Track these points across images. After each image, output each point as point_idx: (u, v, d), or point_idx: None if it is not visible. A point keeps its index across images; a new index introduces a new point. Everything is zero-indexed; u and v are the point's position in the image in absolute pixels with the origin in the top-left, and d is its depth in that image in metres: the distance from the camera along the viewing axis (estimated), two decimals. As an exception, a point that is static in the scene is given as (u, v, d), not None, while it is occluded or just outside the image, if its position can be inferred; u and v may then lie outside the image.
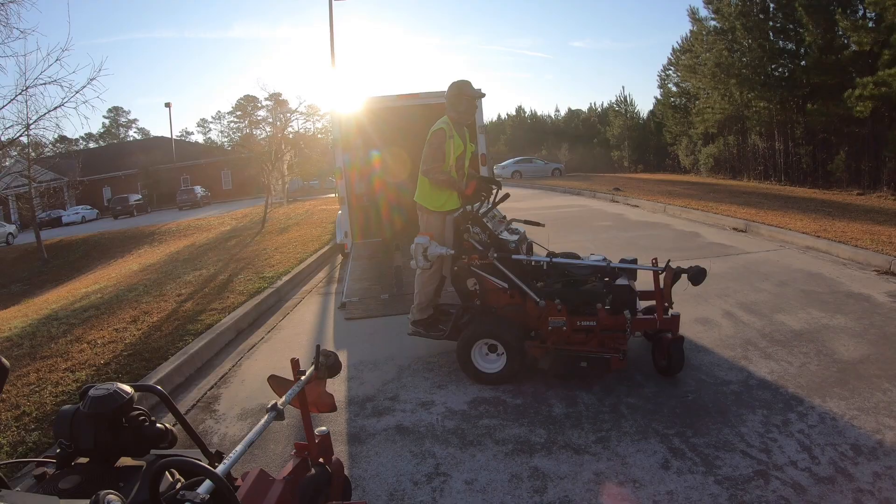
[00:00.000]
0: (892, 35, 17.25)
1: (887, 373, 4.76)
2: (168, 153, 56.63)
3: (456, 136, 5.41)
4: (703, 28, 30.26)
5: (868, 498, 3.20)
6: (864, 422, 4.02)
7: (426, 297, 5.59)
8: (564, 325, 4.77)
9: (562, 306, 4.77)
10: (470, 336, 5.02)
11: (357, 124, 11.25)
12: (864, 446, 3.72)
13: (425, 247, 5.19)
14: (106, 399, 2.26)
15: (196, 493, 1.85)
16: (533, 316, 4.95)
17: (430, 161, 5.35)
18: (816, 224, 11.05)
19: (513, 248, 5.17)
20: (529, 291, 4.92)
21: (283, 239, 14.75)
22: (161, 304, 8.29)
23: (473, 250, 5.16)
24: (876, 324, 5.91)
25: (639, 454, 3.80)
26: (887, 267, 7.92)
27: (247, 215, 24.72)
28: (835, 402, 4.31)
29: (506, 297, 5.08)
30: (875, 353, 5.19)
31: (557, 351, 4.75)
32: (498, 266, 5.00)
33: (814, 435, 3.88)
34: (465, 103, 5.44)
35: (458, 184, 5.41)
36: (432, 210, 5.53)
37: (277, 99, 53.18)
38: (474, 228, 5.25)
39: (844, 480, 3.38)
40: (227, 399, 5.22)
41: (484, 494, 3.47)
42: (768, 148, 27.67)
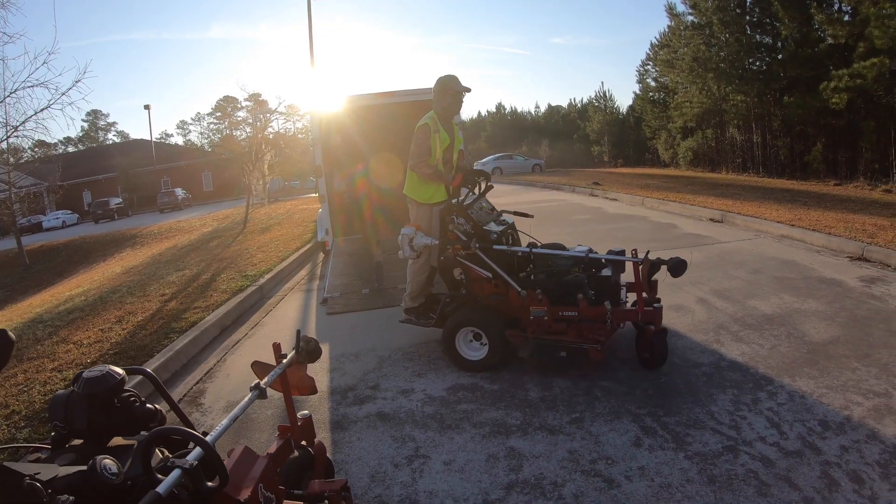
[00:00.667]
0: (867, 28, 17.51)
1: (856, 353, 4.91)
2: (148, 156, 56.34)
3: (442, 130, 5.52)
4: (680, 23, 30.54)
5: (835, 470, 3.34)
6: (832, 399, 4.17)
7: (418, 286, 5.73)
8: (545, 315, 4.79)
9: (542, 296, 4.81)
10: (453, 324, 5.13)
11: (337, 123, 11.33)
12: (832, 422, 3.86)
13: (411, 237, 5.36)
14: (99, 380, 2.35)
15: (185, 460, 1.95)
16: (515, 305, 5.00)
17: (416, 156, 5.48)
18: (791, 213, 11.23)
19: (494, 239, 5.22)
20: (511, 281, 4.97)
21: (265, 238, 14.78)
22: (145, 304, 8.34)
23: (458, 241, 5.25)
24: (847, 307, 6.07)
25: (611, 433, 3.93)
26: (860, 253, 8.10)
27: (228, 216, 24.67)
28: (804, 381, 4.45)
29: (490, 287, 5.17)
30: (845, 334, 5.34)
31: (537, 340, 4.76)
32: (481, 256, 5.09)
33: (782, 412, 4.02)
34: (449, 98, 5.55)
35: (444, 176, 5.50)
36: (420, 202, 5.68)
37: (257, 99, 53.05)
38: (459, 219, 5.31)
39: (812, 454, 3.52)
40: (212, 393, 5.31)
41: (462, 474, 3.59)
42: (746, 140, 28.01)
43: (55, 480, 1.90)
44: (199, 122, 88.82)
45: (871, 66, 17.62)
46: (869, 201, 14.23)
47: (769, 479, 3.31)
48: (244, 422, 4.50)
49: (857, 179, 19.70)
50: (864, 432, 3.72)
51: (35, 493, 1.76)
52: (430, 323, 5.54)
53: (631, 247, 5.31)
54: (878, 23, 16.98)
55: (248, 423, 4.47)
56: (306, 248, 12.41)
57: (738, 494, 3.20)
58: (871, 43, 17.51)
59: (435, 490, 3.46)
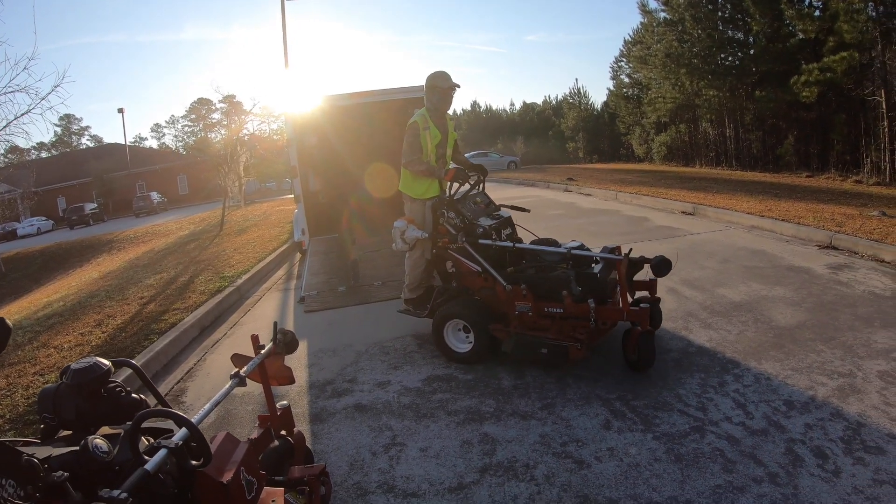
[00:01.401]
0: (836, 22, 17.81)
1: (822, 336, 5.07)
2: (122, 160, 55.75)
3: (433, 126, 5.61)
4: (653, 20, 30.82)
5: (799, 446, 3.48)
6: (797, 380, 4.32)
7: (415, 278, 5.84)
8: (529, 311, 4.79)
9: (527, 291, 4.79)
10: (441, 316, 5.24)
11: (311, 124, 11.37)
12: (797, 401, 4.01)
13: (402, 230, 5.51)
14: (86, 370, 2.43)
15: (171, 440, 2.03)
16: (502, 300, 5.00)
17: (408, 154, 5.58)
18: (762, 205, 11.42)
19: (480, 233, 5.22)
20: (497, 275, 4.98)
21: (242, 240, 14.78)
22: (124, 307, 8.34)
23: (447, 234, 5.33)
24: (814, 293, 6.24)
25: (582, 417, 4.06)
26: (828, 241, 8.29)
27: (205, 219, 24.57)
28: (770, 363, 4.60)
29: (479, 280, 5.20)
30: (811, 319, 5.50)
31: (518, 336, 4.76)
32: (468, 250, 5.14)
33: (748, 393, 4.16)
34: (437, 95, 5.61)
35: (437, 172, 5.58)
36: (414, 198, 5.78)
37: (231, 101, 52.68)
38: (449, 213, 5.36)
39: (777, 432, 3.66)
40: (193, 391, 5.36)
41: (437, 459, 3.69)
42: (719, 135, 28.35)
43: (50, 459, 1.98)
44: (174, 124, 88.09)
45: (840, 60, 17.93)
46: (839, 192, 14.50)
47: (735, 456, 3.44)
48: (225, 417, 4.57)
49: (829, 171, 20.00)
50: (829, 411, 3.87)
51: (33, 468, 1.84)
52: (424, 314, 5.66)
53: (603, 241, 5.43)
54: (847, 17, 17.29)
55: (229, 419, 4.54)
56: (283, 249, 12.43)
57: (705, 471, 3.32)
58: (841, 37, 17.83)
59: (411, 475, 3.55)
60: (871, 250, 7.62)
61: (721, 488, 3.17)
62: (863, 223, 8.94)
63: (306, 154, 11.58)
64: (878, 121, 18.30)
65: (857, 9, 17.24)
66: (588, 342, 4.51)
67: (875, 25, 17.38)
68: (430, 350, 5.61)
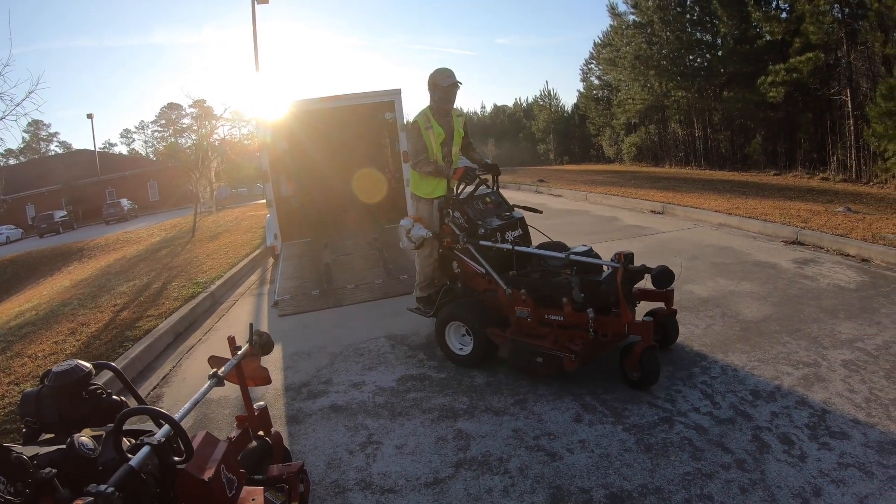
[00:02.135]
0: (802, 24, 18.11)
1: (787, 328, 5.22)
2: (92, 166, 54.88)
3: (436, 125, 5.55)
4: (622, 22, 31.08)
5: (766, 433, 3.60)
6: (763, 371, 4.45)
7: (425, 277, 5.84)
8: (529, 316, 4.66)
9: (527, 296, 4.66)
10: (442, 318, 5.20)
11: (282, 127, 11.38)
12: (763, 391, 4.14)
13: (408, 228, 5.49)
14: (68, 372, 2.46)
15: (154, 438, 2.07)
16: (503, 303, 4.90)
17: (414, 154, 5.57)
18: (730, 203, 11.62)
19: (482, 234, 5.11)
20: (498, 278, 4.89)
21: (214, 246, 14.69)
22: (98, 315, 8.27)
23: (451, 234, 5.29)
24: (779, 287, 6.39)
25: (553, 411, 4.15)
26: (794, 237, 8.47)
27: (176, 225, 24.35)
28: (737, 356, 4.72)
29: (483, 282, 5.13)
30: (777, 312, 5.64)
31: (514, 342, 4.62)
32: (471, 251, 5.10)
33: (716, 384, 4.29)
34: (438, 93, 5.53)
35: (444, 171, 5.51)
36: (422, 197, 5.75)
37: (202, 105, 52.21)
38: (455, 213, 5.30)
39: (744, 420, 3.78)
40: (170, 397, 5.35)
41: (413, 456, 3.75)
42: (688, 135, 28.70)
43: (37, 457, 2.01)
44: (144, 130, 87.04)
45: (806, 61, 18.24)
46: (805, 189, 14.78)
47: (703, 444, 3.55)
48: (202, 420, 4.58)
49: (796, 169, 20.34)
50: (794, 399, 4.00)
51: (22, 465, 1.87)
52: (430, 314, 5.65)
53: (572, 240, 5.47)
54: (812, 19, 17.59)
55: (206, 422, 4.55)
56: (256, 254, 12.39)
57: (674, 460, 3.42)
58: (807, 38, 18.13)
59: (388, 472, 3.60)
60: (836, 245, 7.81)
61: (690, 475, 3.26)
62: (828, 219, 9.14)
63: (278, 159, 11.59)
64: (843, 119, 18.65)
65: (823, 10, 17.55)
66: (584, 354, 4.30)
67: (840, 27, 17.73)
68: (403, 351, 5.68)
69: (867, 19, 16.29)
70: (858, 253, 7.43)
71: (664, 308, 4.89)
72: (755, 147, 23.11)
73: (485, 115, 59.37)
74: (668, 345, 4.95)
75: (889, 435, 3.51)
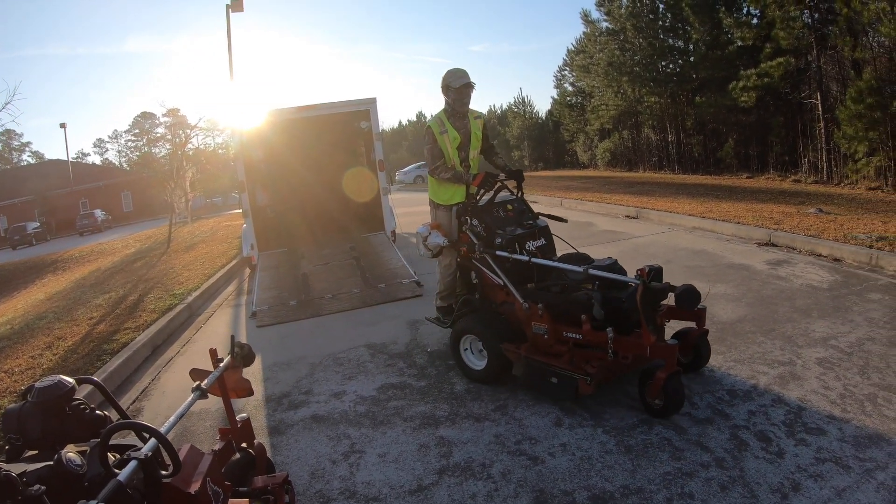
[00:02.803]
0: (773, 30, 18.35)
1: (762, 328, 5.32)
2: (65, 177, 54.10)
3: (451, 128, 5.28)
4: (595, 29, 31.25)
5: (744, 432, 3.68)
6: (739, 370, 4.54)
7: (446, 286, 5.60)
8: (546, 333, 4.37)
9: (543, 311, 4.37)
10: (457, 331, 4.99)
11: (258, 137, 11.36)
12: (740, 390, 4.22)
13: (425, 236, 5.28)
14: (51, 388, 2.44)
15: (141, 452, 2.06)
16: (521, 318, 4.63)
17: (431, 161, 5.34)
18: (703, 206, 11.77)
19: (499, 244, 4.82)
20: (515, 291, 4.62)
21: (190, 257, 14.58)
22: (74, 328, 8.17)
23: (468, 243, 5.06)
24: (753, 289, 6.51)
25: (534, 416, 4.19)
26: (767, 239, 8.61)
27: (151, 236, 24.12)
28: (713, 356, 4.78)
29: (501, 294, 4.85)
30: (752, 313, 5.75)
31: (529, 360, 4.37)
32: (488, 261, 4.86)
33: (693, 385, 4.36)
34: (452, 94, 5.26)
35: (464, 177, 5.22)
36: (440, 204, 5.49)
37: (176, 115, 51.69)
38: (472, 220, 5.06)
39: (721, 420, 3.86)
40: (149, 411, 5.31)
41: (396, 464, 3.77)
42: (661, 140, 28.91)
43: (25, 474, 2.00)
44: (117, 139, 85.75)
45: (777, 66, 18.50)
46: (778, 191, 14.99)
47: (682, 444, 3.61)
48: (183, 434, 4.55)
49: (768, 172, 20.57)
50: (770, 397, 4.09)
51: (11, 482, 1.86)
52: (447, 325, 5.48)
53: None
54: (783, 25, 17.84)
55: (187, 435, 4.52)
56: (232, 264, 12.32)
57: (654, 460, 3.48)
58: (778, 44, 18.37)
59: (372, 480, 3.61)
60: (808, 246, 7.94)
61: (670, 475, 3.32)
62: (800, 220, 9.30)
63: (253, 168, 11.57)
64: (814, 122, 18.90)
65: (793, 16, 17.81)
66: (601, 377, 3.99)
67: (810, 32, 17.98)
68: (382, 360, 5.70)
69: (837, 24, 16.58)
70: (830, 253, 7.56)
71: (695, 328, 4.49)
72: (727, 151, 23.36)
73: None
74: (699, 367, 4.60)
75: (864, 429, 3.60)
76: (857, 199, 12.66)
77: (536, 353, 4.41)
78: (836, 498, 3.02)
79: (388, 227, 10.95)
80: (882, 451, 3.38)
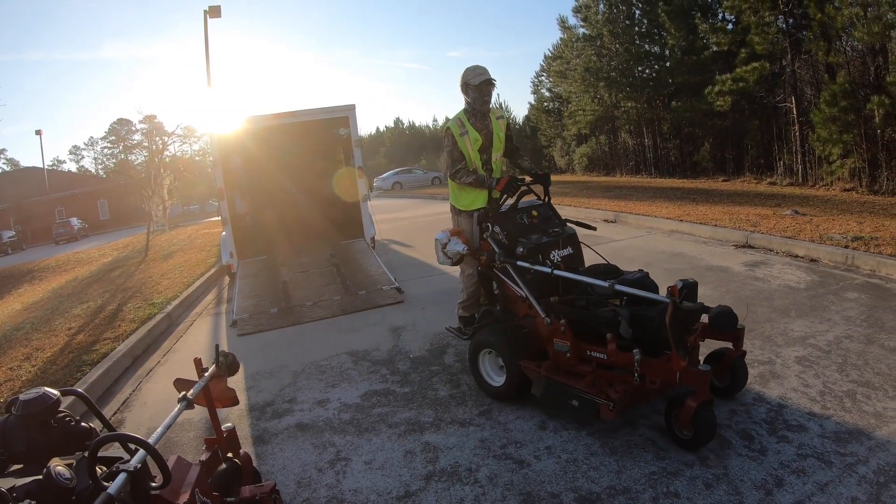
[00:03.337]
0: (748, 35, 18.59)
1: (741, 329, 5.36)
2: (41, 184, 53.43)
3: (471, 129, 5.02)
4: (572, 35, 31.39)
5: (726, 430, 3.73)
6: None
7: (469, 296, 5.35)
8: (568, 351, 4.02)
9: (566, 328, 4.02)
10: (475, 343, 4.72)
11: (236, 144, 11.31)
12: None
13: (444, 243, 5.00)
14: (36, 400, 2.41)
15: (130, 464, 2.05)
16: (542, 333, 4.29)
17: (451, 164, 5.09)
18: (681, 210, 11.88)
19: (520, 254, 4.49)
20: (536, 305, 4.27)
21: (168, 265, 14.45)
22: (52, 339, 8.08)
23: (489, 251, 4.73)
24: (732, 290, 6.60)
25: (518, 420, 4.22)
26: (744, 241, 8.72)
27: (128, 245, 23.86)
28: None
29: (524, 307, 4.52)
30: (730, 314, 5.78)
31: (549, 380, 4.06)
32: (509, 271, 4.53)
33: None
34: (472, 93, 5.02)
35: (486, 181, 4.92)
36: (461, 209, 5.24)
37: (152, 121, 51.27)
38: (494, 227, 4.72)
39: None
40: (131, 422, 5.25)
41: (383, 471, 3.77)
42: (638, 144, 29.12)
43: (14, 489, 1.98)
44: (93, 146, 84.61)
45: (752, 70, 18.72)
46: (754, 194, 15.15)
47: (666, 444, 3.65)
48: (167, 445, 4.50)
49: (744, 175, 20.78)
50: (751, 396, 4.16)
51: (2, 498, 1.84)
52: (466, 337, 5.21)
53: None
54: (758, 30, 18.07)
55: (171, 446, 4.48)
56: (211, 273, 12.24)
57: (639, 460, 3.52)
58: (753, 49, 18.60)
59: (359, 488, 3.61)
60: (784, 247, 8.05)
61: (656, 474, 3.36)
62: (777, 222, 9.42)
63: (232, 175, 11.51)
64: (789, 126, 19.12)
65: (768, 22, 18.06)
66: (625, 402, 3.68)
67: (785, 37, 18.24)
68: (365, 367, 5.69)
69: (811, 29, 16.80)
70: (807, 253, 7.67)
71: (732, 349, 4.10)
72: (704, 154, 23.59)
73: (437, 127, 59.37)
74: (735, 391, 4.20)
75: (844, 425, 3.67)
76: (832, 201, 12.83)
77: (557, 372, 4.11)
78: (819, 492, 3.07)
79: (368, 233, 10.94)
80: (862, 445, 3.44)
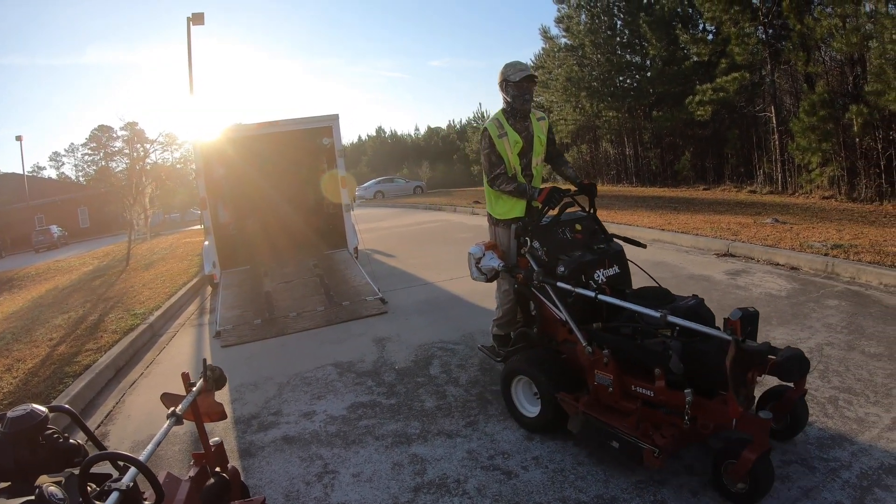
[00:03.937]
0: (728, 45, 18.84)
1: (721, 335, 5.40)
2: (20, 191, 52.79)
3: (510, 130, 4.61)
4: (554, 45, 31.55)
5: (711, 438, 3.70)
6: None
7: (506, 313, 4.95)
8: (611, 386, 3.61)
9: (609, 359, 3.59)
10: (507, 370, 4.34)
11: (219, 153, 11.27)
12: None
13: (478, 257, 4.63)
14: (24, 418, 2.40)
15: (122, 482, 2.05)
16: (582, 363, 3.85)
17: (489, 170, 4.67)
18: (662, 219, 11.97)
19: (561, 274, 3.99)
20: (577, 331, 3.81)
21: (150, 275, 14.33)
22: (33, 349, 7.99)
23: (527, 269, 4.29)
24: (714, 298, 6.64)
25: (505, 431, 4.24)
26: (725, 250, 8.81)
27: (109, 253, 23.66)
28: (675, 364, 4.85)
29: (563, 332, 4.11)
30: (713, 323, 5.84)
31: (587, 416, 3.66)
32: (548, 292, 4.03)
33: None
34: (511, 91, 4.58)
35: (528, 191, 4.51)
36: (497, 219, 4.83)
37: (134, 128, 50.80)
38: (533, 242, 4.28)
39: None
40: (115, 435, 5.21)
41: (371, 483, 3.76)
42: (619, 153, 29.33)
43: None
44: (73, 153, 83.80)
45: (732, 80, 18.95)
46: (734, 202, 15.31)
47: (653, 454, 3.65)
48: (153, 460, 4.44)
49: (725, 183, 21.00)
50: (735, 404, 4.15)
51: None
52: (498, 359, 4.88)
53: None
54: (738, 41, 18.31)
55: (157, 461, 4.43)
56: (193, 283, 12.16)
57: (626, 469, 3.54)
58: (733, 59, 18.86)
59: (347, 501, 3.60)
60: (765, 255, 8.14)
61: (643, 483, 3.40)
62: (757, 230, 9.53)
63: (215, 185, 11.47)
64: (769, 135, 19.34)
65: (748, 32, 18.31)
66: (672, 448, 3.25)
67: (764, 47, 18.49)
68: (351, 378, 5.68)
69: (790, 40, 17.06)
70: (788, 262, 7.77)
71: (792, 387, 3.58)
72: (684, 163, 23.82)
73: (419, 136, 59.51)
74: (794, 435, 3.70)
75: (826, 431, 3.74)
76: (811, 209, 13.02)
77: (597, 407, 3.71)
78: (803, 497, 3.12)
79: (351, 243, 10.92)
80: (845, 450, 3.51)
